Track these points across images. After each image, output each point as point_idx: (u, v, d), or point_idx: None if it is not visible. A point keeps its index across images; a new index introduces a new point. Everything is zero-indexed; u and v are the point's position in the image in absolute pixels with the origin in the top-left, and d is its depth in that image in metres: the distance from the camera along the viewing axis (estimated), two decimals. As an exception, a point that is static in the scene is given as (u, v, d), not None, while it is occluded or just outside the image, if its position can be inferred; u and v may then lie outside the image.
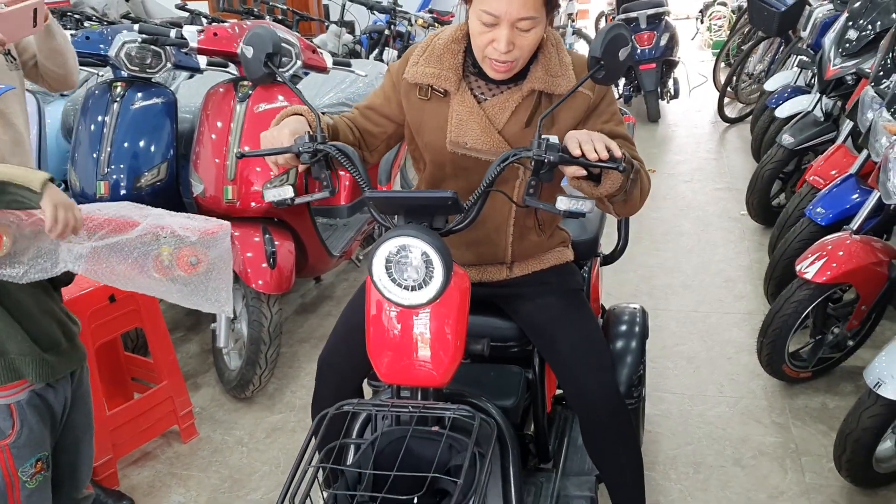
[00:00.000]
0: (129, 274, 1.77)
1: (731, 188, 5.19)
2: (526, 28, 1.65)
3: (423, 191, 1.86)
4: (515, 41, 1.66)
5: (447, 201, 1.53)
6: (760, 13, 5.88)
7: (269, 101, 3.09)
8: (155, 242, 1.75)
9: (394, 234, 1.53)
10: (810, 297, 2.76)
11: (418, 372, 1.64)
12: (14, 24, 2.01)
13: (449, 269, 1.53)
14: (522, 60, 1.72)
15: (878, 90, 3.21)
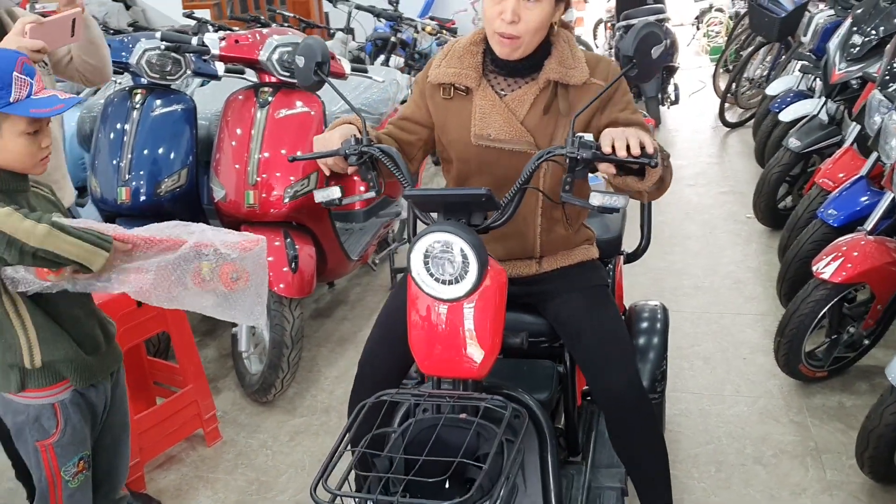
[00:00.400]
0: (170, 290, 1.80)
1: (735, 191, 5.24)
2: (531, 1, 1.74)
3: (457, 188, 1.93)
4: (521, 14, 1.75)
5: (481, 197, 1.59)
6: (761, 19, 5.95)
7: (289, 106, 3.13)
8: (196, 259, 1.78)
9: (431, 230, 1.60)
10: (827, 297, 2.80)
11: (458, 364, 1.69)
12: (54, 33, 2.06)
13: (483, 263, 1.58)
14: (529, 38, 1.79)
15: (885, 93, 3.26)
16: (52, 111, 1.71)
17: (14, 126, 1.70)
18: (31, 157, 1.75)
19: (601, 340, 1.93)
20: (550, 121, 1.86)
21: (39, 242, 1.60)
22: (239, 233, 1.86)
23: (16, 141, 1.72)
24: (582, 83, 1.85)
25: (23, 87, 1.69)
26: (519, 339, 1.95)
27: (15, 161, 1.74)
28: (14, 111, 1.68)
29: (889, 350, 3.08)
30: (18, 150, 1.73)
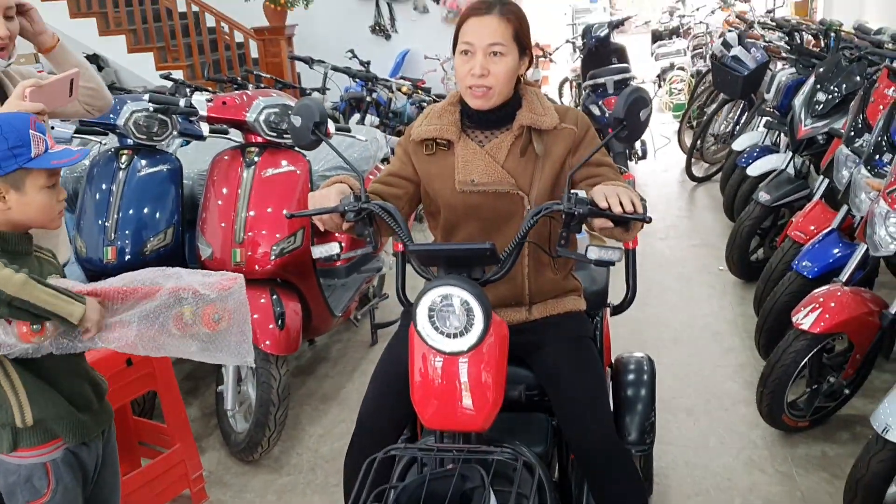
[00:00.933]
0: (155, 338, 1.80)
1: (707, 244, 5.35)
2: (497, 53, 1.91)
3: (462, 243, 2.00)
4: (490, 67, 1.91)
5: (485, 252, 1.65)
6: (724, 77, 6.13)
7: (275, 166, 3.17)
8: (177, 304, 1.79)
9: (436, 284, 1.63)
10: (807, 348, 2.87)
11: (461, 417, 1.71)
12: (54, 94, 2.09)
13: (488, 316, 1.63)
14: (498, 89, 1.94)
15: (852, 149, 3.40)
16: (71, 160, 1.78)
17: (35, 181, 1.76)
18: (52, 210, 1.81)
19: (580, 394, 1.98)
20: (528, 163, 1.99)
21: (16, 291, 1.63)
22: (216, 272, 1.87)
23: (38, 195, 1.77)
24: (553, 127, 1.99)
25: (40, 143, 1.76)
26: (517, 393, 2.00)
27: (37, 215, 1.79)
28: (37, 165, 1.74)
29: (868, 399, 3.14)
30: (40, 203, 1.78)
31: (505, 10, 1.94)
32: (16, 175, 1.74)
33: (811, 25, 5.49)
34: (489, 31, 1.91)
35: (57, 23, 8.02)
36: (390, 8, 8.99)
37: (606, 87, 7.07)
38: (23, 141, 1.73)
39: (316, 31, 8.60)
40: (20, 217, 1.79)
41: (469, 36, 1.93)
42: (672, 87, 9.97)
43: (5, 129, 1.74)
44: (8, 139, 1.73)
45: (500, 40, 1.91)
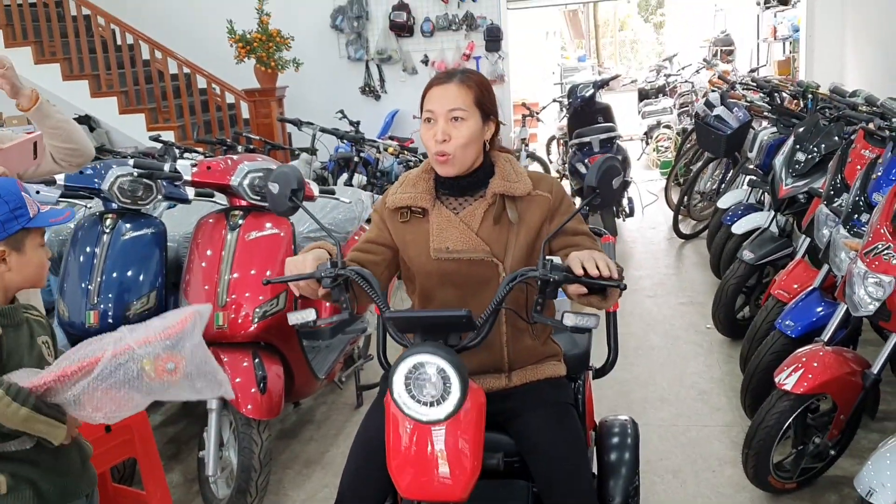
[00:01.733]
0: (128, 400, 1.79)
1: (694, 302, 5.36)
2: (458, 118, 1.95)
3: (438, 310, 1.99)
4: (451, 132, 1.95)
5: (462, 319, 1.66)
6: (708, 136, 6.22)
7: (259, 229, 3.18)
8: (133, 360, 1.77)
9: (413, 352, 1.64)
10: (791, 408, 2.86)
11: (440, 487, 1.70)
12: (16, 158, 2.12)
13: (465, 384, 1.63)
14: (461, 153, 1.97)
15: (831, 208, 3.44)
16: (64, 219, 1.88)
17: (34, 240, 1.86)
18: (44, 267, 1.91)
19: (559, 461, 1.97)
20: (503, 230, 2.01)
21: (16, 425, 1.67)
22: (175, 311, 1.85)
23: (35, 254, 1.86)
24: (527, 194, 2.02)
25: (32, 204, 1.84)
26: (495, 461, 1.98)
27: (34, 274, 1.88)
28: (37, 224, 1.84)
29: (856, 459, 3.12)
30: (38, 262, 1.87)
31: (465, 77, 1.99)
32: (17, 236, 1.83)
33: (790, 86, 5.58)
34: (450, 98, 1.96)
35: (50, 85, 8.17)
36: (380, 69, 9.13)
37: (592, 146, 7.17)
38: (21, 202, 1.81)
39: (306, 92, 8.72)
40: (18, 277, 1.86)
41: (431, 104, 1.98)
42: (659, 145, 10.11)
43: (3, 194, 1.81)
44: (9, 203, 1.81)
45: (461, 105, 1.95)
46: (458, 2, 8.86)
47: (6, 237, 1.82)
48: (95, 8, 8.30)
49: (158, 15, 9.02)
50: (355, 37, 9.01)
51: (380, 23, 8.99)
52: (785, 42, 10.97)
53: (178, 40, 8.59)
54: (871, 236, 2.75)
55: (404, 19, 8.85)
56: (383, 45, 8.99)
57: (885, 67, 6.95)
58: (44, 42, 8.43)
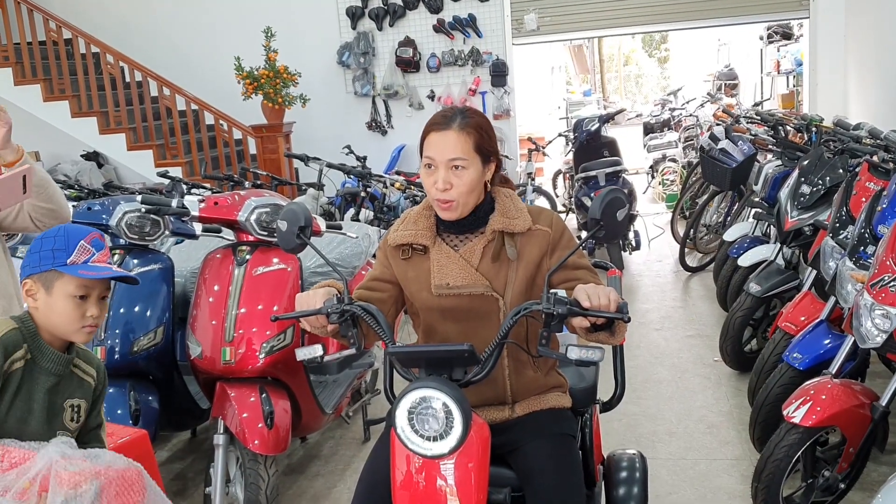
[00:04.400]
0: None
1: (702, 335, 5.35)
2: (459, 167, 1.96)
3: (440, 344, 2.01)
4: (452, 181, 1.96)
5: (464, 353, 1.67)
6: (713, 170, 6.24)
7: (266, 264, 3.20)
8: None
9: (415, 387, 1.65)
10: (799, 441, 2.84)
11: None
12: (5, 192, 2.12)
13: (468, 418, 1.63)
14: (463, 200, 1.98)
15: (837, 240, 3.44)
16: (97, 274, 1.88)
17: (64, 286, 1.86)
18: (74, 321, 1.89)
19: (552, 488, 1.97)
20: (502, 266, 2.02)
21: None
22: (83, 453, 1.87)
23: (62, 301, 1.87)
24: (526, 230, 2.03)
25: (83, 254, 1.88)
26: (502, 496, 1.98)
27: (59, 322, 1.89)
28: (66, 270, 1.85)
29: (866, 493, 3.09)
30: (62, 310, 1.87)
31: (464, 123, 1.98)
32: (49, 275, 1.87)
33: (794, 119, 5.61)
34: (450, 147, 1.96)
35: (59, 122, 8.28)
36: (386, 105, 9.21)
37: (598, 180, 7.20)
38: (66, 246, 1.86)
39: (313, 127, 8.79)
40: (43, 320, 1.89)
41: (431, 150, 1.99)
42: (664, 179, 10.14)
43: (59, 234, 1.88)
44: (56, 241, 1.87)
45: (461, 154, 1.96)
46: (463, 38, 8.96)
47: (39, 273, 1.87)
48: (104, 46, 8.42)
49: (167, 52, 9.14)
50: (362, 72, 9.10)
51: (386, 59, 9.09)
52: (788, 76, 11.05)
53: (186, 77, 8.69)
54: (876, 268, 2.75)
55: (410, 55, 8.94)
56: (389, 81, 9.08)
57: (887, 100, 6.99)
58: (53, 80, 8.53)
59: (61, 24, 8.50)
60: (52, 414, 1.97)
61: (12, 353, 1.85)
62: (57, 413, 1.98)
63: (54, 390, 1.95)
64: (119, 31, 9.15)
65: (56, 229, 1.93)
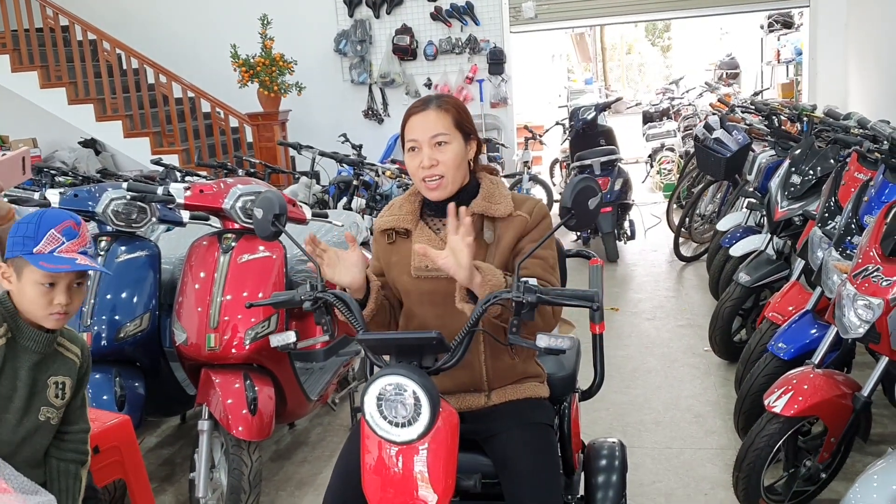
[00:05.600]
0: None
1: (693, 324, 5.35)
2: (442, 143, 2.00)
3: (408, 331, 2.01)
4: (438, 157, 2.00)
5: (432, 340, 1.68)
6: (708, 159, 6.22)
7: (251, 251, 3.20)
8: None
9: (384, 373, 1.66)
10: (780, 431, 2.85)
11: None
12: (6, 173, 2.16)
13: (435, 405, 1.64)
14: (451, 175, 2.01)
15: (824, 230, 3.44)
16: (55, 268, 1.88)
17: (31, 274, 1.89)
18: (40, 307, 1.92)
19: (527, 476, 1.98)
20: (479, 250, 2.03)
21: None
22: None
23: (29, 287, 1.90)
24: (507, 215, 2.05)
25: (51, 244, 1.89)
26: (472, 482, 1.99)
27: (29, 307, 1.93)
28: (29, 260, 1.87)
29: (849, 483, 3.06)
30: (30, 297, 1.91)
31: (441, 102, 2.04)
32: (18, 262, 1.90)
33: (787, 109, 5.59)
34: (430, 124, 2.00)
35: (56, 109, 8.26)
36: (383, 93, 9.20)
37: (593, 169, 7.20)
38: (35, 234, 1.87)
39: (310, 115, 8.79)
40: (18, 303, 1.93)
41: (413, 133, 2.02)
42: (662, 168, 10.12)
43: (33, 221, 1.89)
44: (28, 228, 1.89)
45: (443, 130, 2.00)
46: (461, 25, 8.94)
47: (9, 258, 1.90)
48: (101, 33, 8.41)
49: (163, 39, 9.13)
50: (358, 60, 9.09)
51: (383, 47, 9.07)
52: (789, 65, 11.02)
53: (182, 65, 8.69)
54: (860, 258, 2.75)
55: (407, 43, 8.92)
56: (386, 69, 9.07)
57: (888, 89, 6.97)
58: (50, 66, 8.53)
59: (58, 11, 8.49)
60: (35, 391, 1.99)
61: None
62: (40, 390, 2.00)
63: (37, 367, 1.98)
64: (116, 18, 9.15)
65: (34, 214, 1.93)
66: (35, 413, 1.97)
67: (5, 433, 1.94)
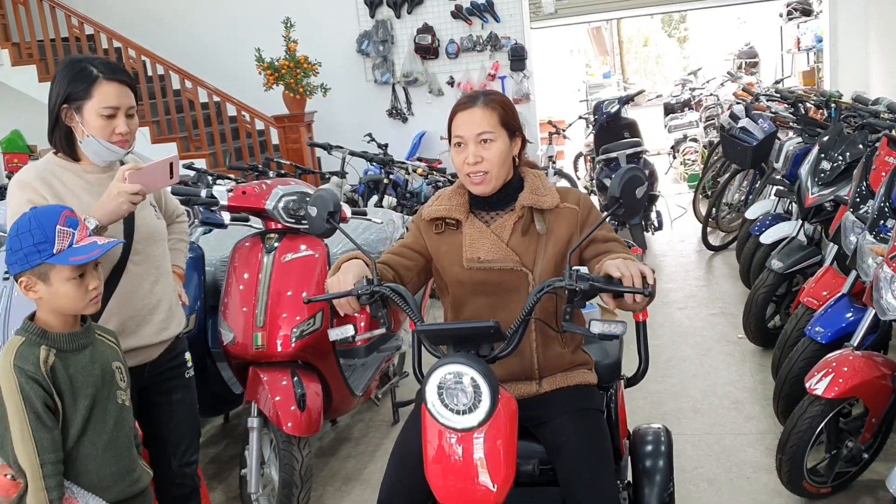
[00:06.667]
0: None
1: (725, 313, 5.38)
2: (487, 140, 2.06)
3: (467, 321, 2.07)
4: (483, 154, 2.06)
5: (489, 330, 1.73)
6: (734, 148, 6.24)
7: (294, 251, 3.27)
8: None
9: (444, 363, 1.71)
10: (822, 413, 2.88)
11: (474, 494, 1.76)
12: (152, 177, 2.25)
13: (495, 392, 1.69)
14: (495, 172, 2.07)
15: (857, 215, 3.46)
16: (88, 257, 1.90)
17: (60, 273, 1.90)
18: (80, 299, 1.93)
19: (580, 461, 2.03)
20: (531, 241, 2.09)
21: None
22: None
23: (64, 286, 1.91)
24: (555, 206, 2.11)
25: (65, 239, 1.89)
26: (530, 467, 2.05)
27: (67, 304, 1.93)
28: (57, 261, 1.88)
29: (890, 463, 3.12)
30: (66, 293, 1.91)
31: (488, 100, 2.09)
32: (41, 268, 1.89)
33: (813, 96, 5.60)
34: (476, 122, 2.06)
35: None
36: (406, 92, 9.26)
37: (619, 161, 7.23)
38: (47, 237, 1.87)
39: (335, 116, 8.86)
40: (52, 306, 1.93)
41: (459, 129, 2.09)
42: (686, 159, 10.11)
43: (33, 226, 1.88)
44: (34, 235, 1.87)
45: (488, 128, 2.06)
46: (481, 23, 8.97)
47: (29, 269, 1.89)
48: (126, 40, 8.53)
49: (188, 45, 9.23)
50: (381, 60, 9.15)
51: (405, 46, 9.13)
52: (809, 52, 10.97)
53: (207, 70, 8.78)
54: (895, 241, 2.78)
55: (429, 42, 8.97)
56: (409, 68, 9.12)
57: (910, 74, 6.95)
58: (78, 76, 8.63)
59: (83, 21, 8.62)
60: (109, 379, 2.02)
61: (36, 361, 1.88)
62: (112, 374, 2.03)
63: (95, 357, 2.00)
64: (140, 25, 9.25)
65: (26, 222, 1.91)
66: (115, 399, 2.02)
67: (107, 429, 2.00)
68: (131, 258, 2.35)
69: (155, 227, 2.46)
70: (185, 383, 2.62)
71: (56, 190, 2.26)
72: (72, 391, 1.91)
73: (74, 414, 1.92)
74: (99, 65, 2.26)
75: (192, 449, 2.63)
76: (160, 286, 2.47)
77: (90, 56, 2.33)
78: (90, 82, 2.23)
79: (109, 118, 2.25)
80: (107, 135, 2.26)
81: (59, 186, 2.27)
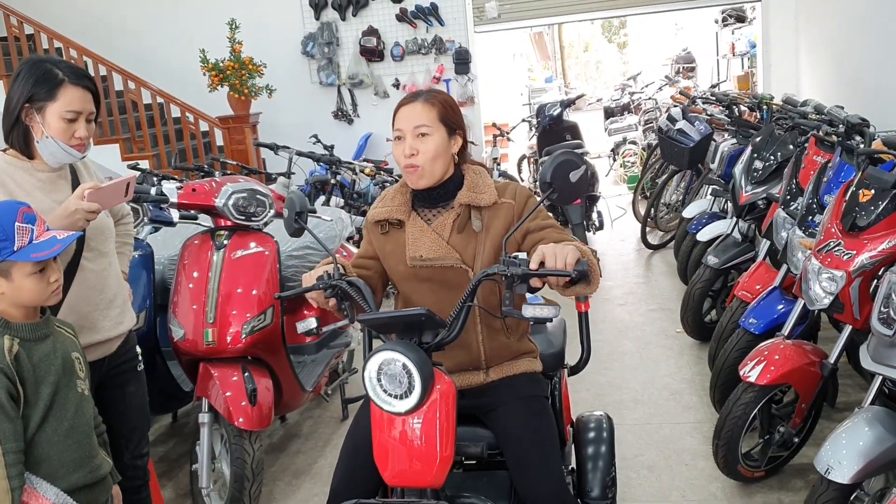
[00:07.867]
0: None
1: (664, 308, 5.54)
2: (424, 134, 2.13)
3: (398, 310, 2.14)
4: (418, 147, 2.12)
5: (420, 317, 1.80)
6: (672, 150, 6.43)
7: (244, 247, 3.31)
8: None
9: (380, 349, 1.81)
10: (755, 399, 3.03)
11: (415, 474, 1.85)
12: (109, 195, 2.33)
13: (426, 377, 1.77)
14: (429, 167, 2.14)
15: (788, 212, 3.63)
16: (50, 253, 1.93)
17: (22, 269, 1.93)
18: (42, 292, 1.97)
19: (530, 450, 2.12)
20: (469, 238, 2.17)
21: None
22: None
23: (26, 281, 1.94)
24: (492, 203, 2.18)
25: (24, 235, 1.92)
26: (479, 449, 2.14)
27: (30, 298, 1.96)
28: (18, 258, 1.91)
29: (819, 448, 3.27)
30: (30, 288, 1.95)
31: (430, 96, 2.17)
32: (2, 266, 1.92)
33: (747, 99, 5.81)
34: (415, 116, 2.14)
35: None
36: (352, 94, 9.29)
37: (561, 163, 7.35)
38: (6, 235, 1.89)
39: (280, 117, 8.85)
40: (15, 301, 1.96)
41: (399, 123, 2.17)
42: (625, 161, 10.34)
43: None
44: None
45: (426, 122, 2.13)
46: (426, 26, 9.05)
47: None
48: (67, 40, 8.40)
49: (131, 46, 9.12)
50: (326, 62, 9.17)
51: (350, 48, 9.16)
52: (743, 58, 11.29)
53: (151, 70, 8.69)
54: (822, 235, 2.93)
55: (374, 44, 9.02)
56: (354, 70, 9.15)
57: (838, 77, 7.23)
58: (16, 76, 8.47)
59: (23, 20, 8.46)
60: (69, 369, 2.04)
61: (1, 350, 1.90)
62: (72, 364, 2.06)
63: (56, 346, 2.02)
64: (82, 25, 9.11)
65: None
66: (74, 388, 2.04)
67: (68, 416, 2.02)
68: (84, 254, 2.40)
69: (106, 224, 2.51)
70: (137, 377, 2.66)
71: (9, 188, 2.28)
72: (35, 379, 1.94)
73: (37, 401, 1.95)
74: (65, 68, 2.30)
75: (143, 441, 2.67)
76: (113, 280, 2.51)
77: (55, 58, 2.36)
78: (55, 85, 2.26)
79: (71, 122, 2.29)
80: (67, 138, 2.29)
81: (11, 184, 2.29)
